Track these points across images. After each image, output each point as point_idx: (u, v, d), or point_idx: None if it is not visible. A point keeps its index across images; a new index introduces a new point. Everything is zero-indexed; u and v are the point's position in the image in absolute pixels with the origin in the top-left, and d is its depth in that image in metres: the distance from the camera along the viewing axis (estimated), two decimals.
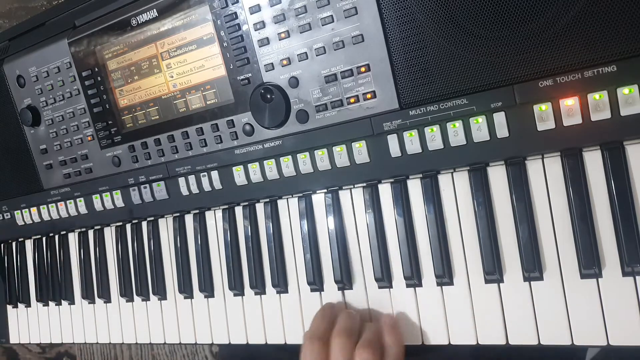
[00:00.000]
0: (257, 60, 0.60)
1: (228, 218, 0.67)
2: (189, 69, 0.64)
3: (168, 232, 0.73)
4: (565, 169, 0.49)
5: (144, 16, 0.64)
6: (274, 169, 0.63)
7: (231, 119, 0.63)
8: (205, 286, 0.69)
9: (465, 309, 0.54)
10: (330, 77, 0.56)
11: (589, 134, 0.48)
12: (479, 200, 0.53)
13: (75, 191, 0.78)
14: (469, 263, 0.54)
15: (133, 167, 0.71)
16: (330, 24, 0.55)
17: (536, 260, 0.50)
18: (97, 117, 0.71)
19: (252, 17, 0.58)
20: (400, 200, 0.56)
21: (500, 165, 0.53)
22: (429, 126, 0.54)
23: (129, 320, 0.77)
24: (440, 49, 0.51)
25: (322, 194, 0.61)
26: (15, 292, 0.89)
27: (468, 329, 0.54)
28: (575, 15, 0.46)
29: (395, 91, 0.54)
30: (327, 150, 0.59)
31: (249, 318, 0.67)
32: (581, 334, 0.49)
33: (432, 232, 0.55)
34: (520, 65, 0.49)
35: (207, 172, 0.67)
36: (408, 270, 0.56)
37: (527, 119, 0.50)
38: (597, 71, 0.46)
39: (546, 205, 0.51)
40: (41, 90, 0.74)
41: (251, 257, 0.65)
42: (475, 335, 0.54)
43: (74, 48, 0.70)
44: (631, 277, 0.48)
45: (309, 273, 0.62)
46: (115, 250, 0.78)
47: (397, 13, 0.52)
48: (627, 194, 0.47)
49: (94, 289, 0.80)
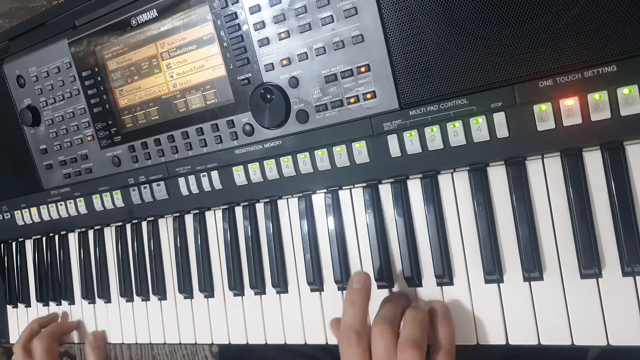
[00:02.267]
0: (257, 60, 0.60)
1: (228, 218, 0.67)
2: (189, 69, 0.64)
3: (168, 232, 0.73)
4: (565, 169, 0.49)
5: (144, 16, 0.64)
6: (274, 169, 0.63)
7: (231, 119, 0.63)
8: (205, 286, 0.69)
9: (465, 309, 0.54)
10: (330, 77, 0.56)
11: (589, 134, 0.48)
12: (479, 200, 0.53)
13: (75, 191, 0.78)
14: (469, 263, 0.54)
15: (133, 167, 0.71)
16: (330, 24, 0.55)
17: (536, 260, 0.50)
18: (97, 117, 0.71)
19: (252, 17, 0.58)
20: (400, 200, 0.56)
21: (500, 165, 0.53)
22: (429, 126, 0.54)
23: (129, 320, 0.77)
24: (440, 49, 0.51)
25: (322, 194, 0.61)
26: (15, 292, 0.89)
27: (468, 329, 0.54)
28: (575, 15, 0.46)
29: (395, 91, 0.54)
30: (327, 150, 0.59)
31: (249, 318, 0.67)
32: (581, 334, 0.49)
33: (432, 232, 0.55)
34: (520, 65, 0.49)
35: (207, 172, 0.67)
36: (408, 271, 0.56)
37: (527, 119, 0.50)
38: (597, 71, 0.46)
39: (546, 205, 0.51)
40: (41, 90, 0.74)
41: (251, 257, 0.65)
42: (475, 336, 0.54)
43: (74, 48, 0.70)
44: (631, 277, 0.47)
45: (309, 273, 0.62)
46: (115, 250, 0.78)
47: (397, 13, 0.52)
48: (627, 194, 0.47)
49: (94, 289, 0.80)
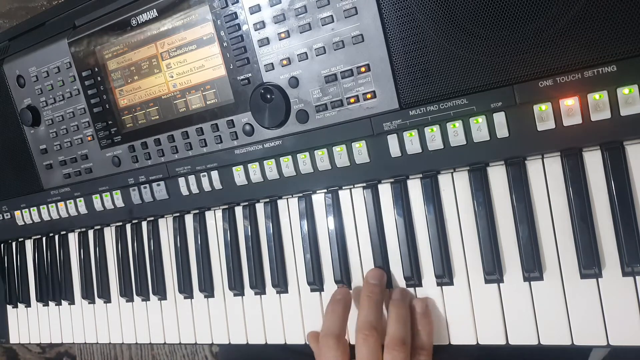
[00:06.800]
0: (257, 60, 0.60)
1: (228, 218, 0.67)
2: (188, 69, 0.64)
3: (168, 232, 0.73)
4: (565, 169, 0.49)
5: (144, 16, 0.64)
6: (274, 169, 0.63)
7: (231, 119, 0.63)
8: (205, 286, 0.69)
9: (465, 309, 0.54)
10: (330, 77, 0.56)
11: (589, 134, 0.48)
12: (479, 200, 0.53)
13: (75, 191, 0.78)
14: (469, 263, 0.54)
15: (133, 167, 0.71)
16: (330, 24, 0.55)
17: (536, 260, 0.50)
18: (97, 117, 0.71)
19: (252, 17, 0.58)
20: (400, 200, 0.56)
21: (500, 165, 0.53)
22: (429, 126, 0.54)
23: (129, 320, 0.77)
24: (440, 49, 0.51)
25: (322, 194, 0.61)
26: (15, 292, 0.89)
27: (468, 329, 0.54)
28: (575, 15, 0.46)
29: (395, 91, 0.54)
30: (327, 150, 0.59)
31: (249, 318, 0.67)
32: (581, 334, 0.49)
33: (432, 232, 0.55)
34: (520, 65, 0.49)
35: (207, 172, 0.67)
36: (408, 271, 0.56)
37: (527, 119, 0.50)
38: (597, 71, 0.46)
39: (546, 205, 0.51)
40: (41, 90, 0.74)
41: (251, 257, 0.65)
42: (475, 335, 0.54)
43: (74, 48, 0.70)
44: (631, 277, 0.48)
45: (309, 273, 0.62)
46: (115, 250, 0.78)
47: (397, 13, 0.52)
48: (627, 194, 0.47)
49: (94, 289, 0.80)
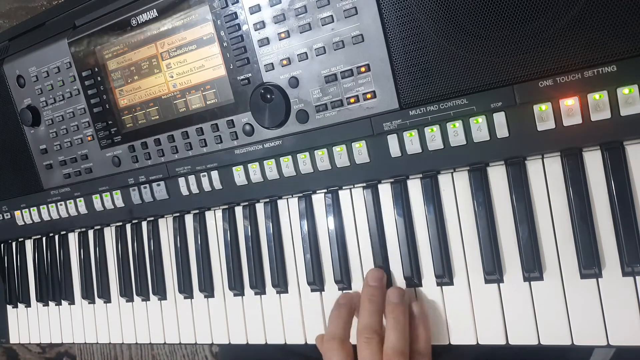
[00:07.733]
0: (257, 60, 0.60)
1: (228, 218, 0.67)
2: (188, 69, 0.64)
3: (168, 232, 0.73)
4: (565, 169, 0.49)
5: (144, 16, 0.64)
6: (274, 169, 0.63)
7: (231, 119, 0.63)
8: (205, 286, 0.69)
9: (465, 308, 0.54)
10: (330, 77, 0.56)
11: (589, 134, 0.48)
12: (479, 200, 0.53)
13: (75, 191, 0.78)
14: (469, 263, 0.54)
15: (133, 167, 0.71)
16: (330, 24, 0.55)
17: (536, 260, 0.50)
18: (97, 117, 0.71)
19: (252, 17, 0.58)
20: (400, 200, 0.56)
21: (500, 165, 0.53)
22: (429, 126, 0.54)
23: (129, 320, 0.77)
24: (440, 49, 0.51)
25: (322, 194, 0.61)
26: (15, 292, 0.89)
27: (468, 328, 0.54)
28: (575, 15, 0.46)
29: (395, 91, 0.54)
30: (327, 150, 0.59)
31: (249, 318, 0.67)
32: (581, 333, 0.49)
33: (432, 232, 0.55)
34: (520, 65, 0.49)
35: (207, 172, 0.67)
36: (408, 271, 0.56)
37: (527, 119, 0.50)
38: (597, 71, 0.46)
39: (546, 205, 0.51)
40: (41, 90, 0.74)
41: (251, 257, 0.65)
42: (475, 335, 0.54)
43: (74, 48, 0.70)
44: (631, 277, 0.48)
45: (309, 273, 0.62)
46: (115, 250, 0.78)
47: (397, 13, 0.52)
48: (627, 194, 0.47)
49: (94, 289, 0.80)
